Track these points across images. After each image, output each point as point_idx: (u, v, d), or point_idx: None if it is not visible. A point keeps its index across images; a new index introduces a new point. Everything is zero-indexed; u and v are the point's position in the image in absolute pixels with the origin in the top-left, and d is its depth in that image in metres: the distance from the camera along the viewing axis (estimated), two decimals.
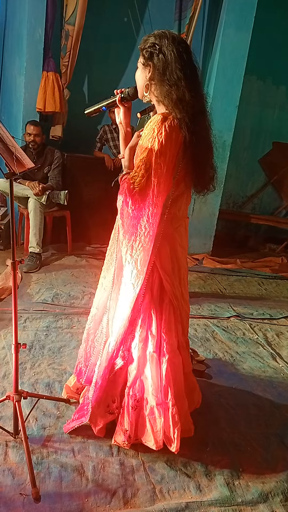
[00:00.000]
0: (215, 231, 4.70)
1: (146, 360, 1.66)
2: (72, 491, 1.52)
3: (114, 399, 1.76)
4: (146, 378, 1.67)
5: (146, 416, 1.69)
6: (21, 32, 4.10)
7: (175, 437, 1.66)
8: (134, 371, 1.67)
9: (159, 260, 1.60)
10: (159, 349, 1.65)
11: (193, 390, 1.90)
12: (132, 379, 1.68)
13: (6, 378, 2.09)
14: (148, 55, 1.45)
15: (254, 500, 1.58)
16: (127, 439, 1.70)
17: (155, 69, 1.45)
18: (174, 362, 1.67)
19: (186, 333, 1.78)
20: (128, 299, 1.60)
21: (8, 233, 4.06)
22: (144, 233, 1.50)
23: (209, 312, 3.22)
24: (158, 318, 1.65)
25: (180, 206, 1.63)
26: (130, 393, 1.68)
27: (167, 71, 1.43)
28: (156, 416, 1.67)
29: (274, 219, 5.39)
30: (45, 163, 4.00)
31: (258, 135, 5.41)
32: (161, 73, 1.44)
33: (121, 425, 1.71)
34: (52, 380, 2.13)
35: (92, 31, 4.43)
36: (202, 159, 1.54)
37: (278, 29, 4.92)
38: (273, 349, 2.75)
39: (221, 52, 4.14)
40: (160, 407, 1.66)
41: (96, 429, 1.76)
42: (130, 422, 1.68)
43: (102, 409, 1.75)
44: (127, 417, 1.69)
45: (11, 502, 1.45)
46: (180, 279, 1.68)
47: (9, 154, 1.55)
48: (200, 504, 1.53)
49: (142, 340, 1.65)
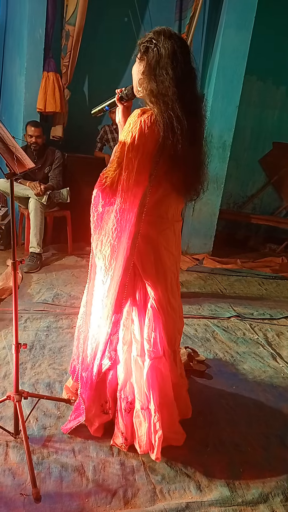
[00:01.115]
0: (215, 231, 4.70)
1: (131, 363, 1.64)
2: (72, 491, 1.52)
3: (106, 400, 1.76)
4: (133, 380, 1.65)
5: (133, 419, 1.67)
6: (22, 32, 4.10)
7: (156, 445, 1.63)
8: (122, 373, 1.66)
9: (140, 263, 1.56)
10: (143, 354, 1.61)
11: (181, 401, 1.83)
12: (122, 381, 1.67)
13: (7, 378, 2.10)
14: (144, 49, 1.43)
15: (254, 500, 1.58)
16: (124, 442, 1.70)
17: (147, 63, 1.42)
18: (158, 367, 1.61)
19: (172, 343, 1.70)
20: (99, 295, 1.59)
21: (8, 233, 4.07)
22: (112, 228, 1.47)
23: (210, 312, 3.22)
24: (141, 322, 1.60)
25: (167, 208, 1.57)
26: (121, 396, 1.68)
27: (158, 67, 1.39)
28: (142, 420, 1.65)
29: (274, 219, 5.39)
30: (45, 163, 4.00)
31: (258, 135, 5.41)
32: (151, 68, 1.41)
33: (118, 427, 1.72)
34: (53, 380, 2.13)
35: (93, 31, 4.43)
36: (185, 160, 1.44)
37: (279, 29, 4.92)
38: (274, 349, 2.75)
39: (222, 52, 4.14)
40: (145, 411, 1.64)
41: (92, 429, 1.76)
42: (125, 425, 1.68)
43: (96, 408, 1.74)
44: (121, 419, 1.69)
45: (11, 502, 1.45)
46: (166, 285, 1.62)
47: (10, 154, 1.55)
48: (200, 504, 1.53)
49: (126, 342, 1.63)
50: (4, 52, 4.93)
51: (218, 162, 4.44)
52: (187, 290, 3.67)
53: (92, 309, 1.66)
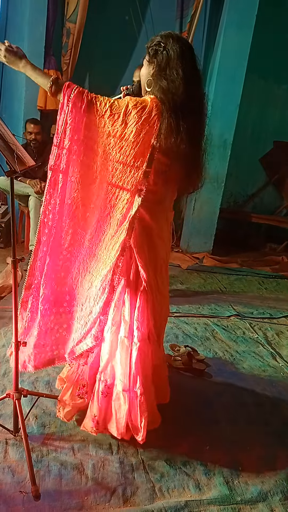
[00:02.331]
0: (215, 230, 4.70)
1: (117, 344, 1.65)
2: (71, 489, 1.53)
3: (84, 383, 1.75)
4: (116, 362, 1.66)
5: (112, 401, 1.68)
6: (23, 30, 4.09)
7: (142, 426, 1.66)
8: (106, 355, 1.66)
9: (135, 245, 1.58)
10: (131, 335, 1.64)
11: (162, 384, 1.89)
12: (104, 363, 1.67)
13: (6, 376, 2.10)
14: (153, 52, 1.49)
15: (253, 499, 1.58)
16: (95, 425, 1.69)
17: (156, 65, 1.48)
18: (144, 350, 1.66)
19: (158, 325, 1.74)
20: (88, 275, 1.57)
21: (8, 231, 4.07)
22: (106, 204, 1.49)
23: (209, 311, 3.22)
24: (131, 304, 1.63)
25: (164, 197, 1.62)
26: (101, 378, 1.68)
27: (168, 67, 1.45)
28: (121, 402, 1.66)
29: (274, 219, 5.38)
30: (45, 161, 3.98)
31: (259, 134, 5.40)
32: (161, 68, 1.46)
33: (91, 410, 1.71)
34: (52, 379, 2.13)
35: (93, 29, 4.42)
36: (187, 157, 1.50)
37: (280, 28, 4.90)
38: (273, 348, 2.75)
39: (223, 51, 4.13)
40: (127, 393, 1.65)
41: (65, 411, 1.76)
42: (99, 408, 1.68)
43: (73, 390, 1.75)
44: (97, 402, 1.68)
45: (11, 500, 1.46)
46: (156, 269, 1.66)
47: (10, 152, 1.55)
48: (199, 503, 1.53)
49: (115, 323, 1.64)
50: None
51: (219, 160, 4.43)
52: (187, 288, 3.67)
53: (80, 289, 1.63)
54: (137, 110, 1.42)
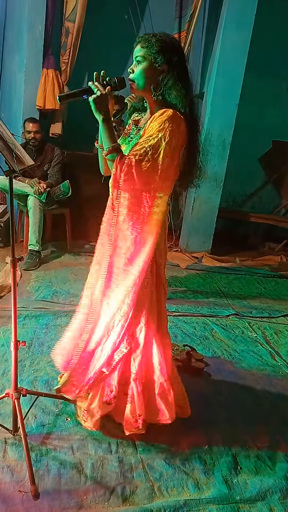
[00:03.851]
0: (214, 230, 4.70)
1: (152, 342, 1.72)
2: (71, 488, 1.53)
3: (111, 389, 1.75)
4: (153, 358, 1.73)
5: (157, 395, 1.74)
6: (21, 29, 4.09)
7: (187, 405, 1.89)
8: (139, 355, 1.70)
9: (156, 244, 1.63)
10: (161, 331, 1.74)
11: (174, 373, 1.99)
12: (138, 364, 1.70)
13: (5, 376, 2.10)
14: (168, 56, 1.52)
15: (252, 498, 1.58)
16: (142, 424, 1.72)
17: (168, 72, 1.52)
18: (166, 342, 1.79)
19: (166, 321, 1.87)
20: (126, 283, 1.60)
21: (7, 230, 4.06)
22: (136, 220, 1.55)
23: (208, 310, 3.22)
24: (158, 300, 1.73)
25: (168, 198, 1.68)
26: (136, 378, 1.70)
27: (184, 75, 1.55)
28: (167, 391, 1.75)
29: (273, 218, 5.39)
30: (44, 161, 4.00)
31: (258, 134, 5.40)
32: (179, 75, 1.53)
33: (133, 413, 1.71)
34: (51, 378, 2.13)
35: (92, 28, 4.41)
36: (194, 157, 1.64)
37: (279, 26, 4.90)
38: (272, 348, 2.76)
39: (222, 50, 4.13)
40: (169, 382, 1.75)
41: (93, 421, 1.73)
42: (142, 407, 1.71)
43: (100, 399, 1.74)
44: (138, 402, 1.70)
45: (10, 499, 1.46)
46: (165, 263, 1.78)
47: (9, 152, 1.55)
48: (198, 502, 1.53)
49: (145, 323, 1.69)
50: (4, 49, 4.92)
51: (218, 160, 4.43)
52: (185, 288, 3.67)
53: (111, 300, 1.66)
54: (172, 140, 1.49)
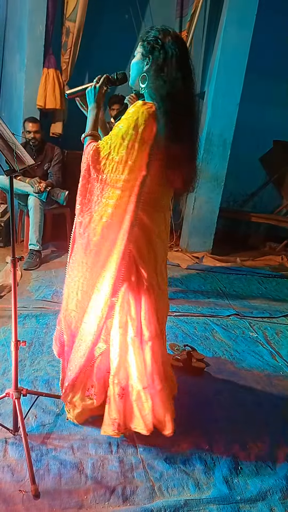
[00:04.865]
0: (215, 229, 4.69)
1: (128, 345, 1.65)
2: (71, 488, 1.53)
3: (92, 384, 1.75)
4: (129, 363, 1.66)
5: (133, 401, 1.68)
6: (22, 29, 4.09)
7: (167, 420, 1.69)
8: (117, 358, 1.66)
9: (135, 248, 1.59)
10: (140, 335, 1.65)
11: (169, 377, 1.90)
12: (116, 366, 1.67)
13: (6, 375, 2.10)
14: (150, 48, 1.47)
15: (252, 498, 1.58)
16: (117, 428, 1.69)
17: (153, 63, 1.46)
18: (155, 349, 1.67)
19: (161, 322, 1.76)
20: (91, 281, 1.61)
21: (8, 230, 4.06)
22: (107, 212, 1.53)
23: (209, 310, 3.22)
24: (137, 304, 1.64)
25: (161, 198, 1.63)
26: (115, 381, 1.67)
27: (166, 67, 1.44)
28: (143, 400, 1.66)
29: (274, 218, 5.38)
30: (45, 160, 4.00)
31: (259, 133, 5.39)
32: (159, 68, 1.45)
33: (110, 414, 1.70)
34: (52, 378, 2.13)
35: (93, 28, 4.41)
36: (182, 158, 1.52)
37: (280, 26, 4.89)
38: (273, 348, 2.76)
39: (222, 50, 4.12)
40: (147, 390, 1.66)
41: (75, 413, 1.77)
42: (118, 411, 1.68)
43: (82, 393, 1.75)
44: (114, 405, 1.68)
45: (10, 499, 1.46)
46: (156, 268, 1.68)
47: (9, 151, 1.55)
48: (198, 502, 1.53)
49: (122, 325, 1.64)
50: (4, 49, 4.92)
51: (219, 160, 4.43)
52: (186, 288, 3.67)
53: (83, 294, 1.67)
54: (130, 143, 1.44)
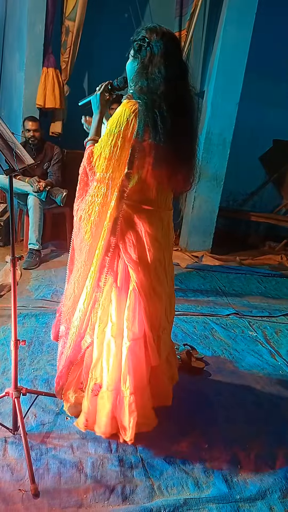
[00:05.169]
0: (215, 229, 4.70)
1: (105, 343, 1.63)
2: (71, 487, 1.53)
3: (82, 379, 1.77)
4: (104, 361, 1.64)
5: (98, 400, 1.66)
6: (21, 28, 4.08)
7: (130, 426, 1.63)
8: (96, 353, 1.65)
9: (123, 245, 1.58)
10: (121, 335, 1.61)
11: (161, 386, 1.82)
12: (94, 361, 1.66)
13: (5, 375, 2.10)
14: (137, 47, 1.47)
15: (252, 497, 1.58)
16: (85, 423, 1.70)
17: (140, 61, 1.47)
18: (135, 350, 1.62)
19: (156, 328, 1.70)
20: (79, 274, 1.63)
21: (7, 229, 4.06)
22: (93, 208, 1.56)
23: (208, 310, 3.22)
24: (120, 303, 1.61)
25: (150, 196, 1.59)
26: (91, 376, 1.67)
27: (150, 65, 1.44)
28: (105, 401, 1.64)
29: (274, 217, 5.39)
30: (44, 159, 3.99)
31: (259, 133, 5.39)
32: (144, 66, 1.45)
33: (83, 407, 1.71)
34: (51, 377, 2.13)
35: (93, 27, 4.41)
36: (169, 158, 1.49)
37: (280, 26, 4.89)
38: (272, 347, 2.76)
39: (222, 49, 4.12)
40: (111, 393, 1.63)
41: (67, 405, 1.79)
42: (88, 407, 1.68)
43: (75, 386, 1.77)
44: (87, 400, 1.68)
45: (10, 498, 1.46)
46: (150, 270, 1.62)
47: (9, 151, 1.55)
48: (198, 501, 1.53)
49: (102, 322, 1.63)
50: (4, 48, 4.91)
51: (218, 159, 4.43)
52: (186, 287, 3.67)
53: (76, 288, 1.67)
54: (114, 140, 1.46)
